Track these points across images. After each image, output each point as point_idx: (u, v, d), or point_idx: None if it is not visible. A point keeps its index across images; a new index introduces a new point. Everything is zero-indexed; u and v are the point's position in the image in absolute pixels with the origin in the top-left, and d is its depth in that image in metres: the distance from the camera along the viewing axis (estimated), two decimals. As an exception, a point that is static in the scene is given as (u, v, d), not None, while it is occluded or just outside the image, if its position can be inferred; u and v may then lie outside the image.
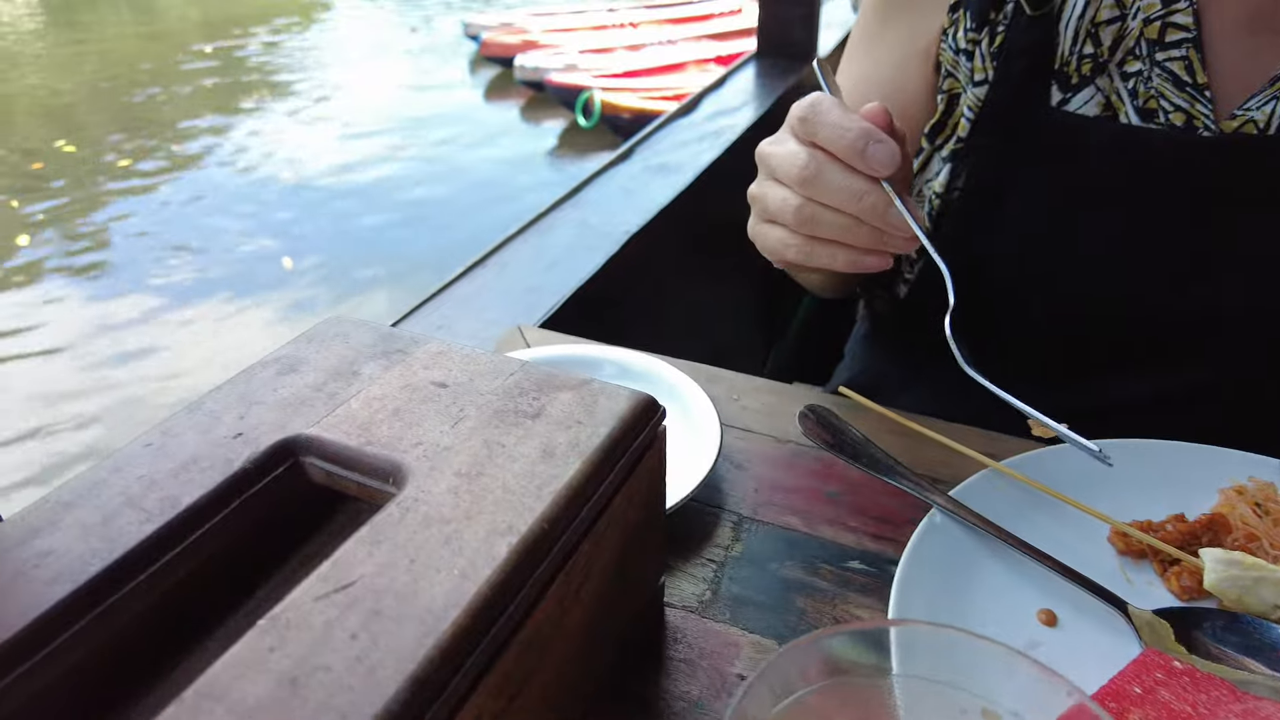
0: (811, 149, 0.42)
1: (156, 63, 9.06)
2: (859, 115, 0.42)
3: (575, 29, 8.15)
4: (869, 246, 0.43)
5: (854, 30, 0.68)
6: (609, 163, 1.18)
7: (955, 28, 0.58)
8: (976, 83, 0.57)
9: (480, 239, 3.69)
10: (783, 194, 0.44)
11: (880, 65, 0.64)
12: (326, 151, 6.10)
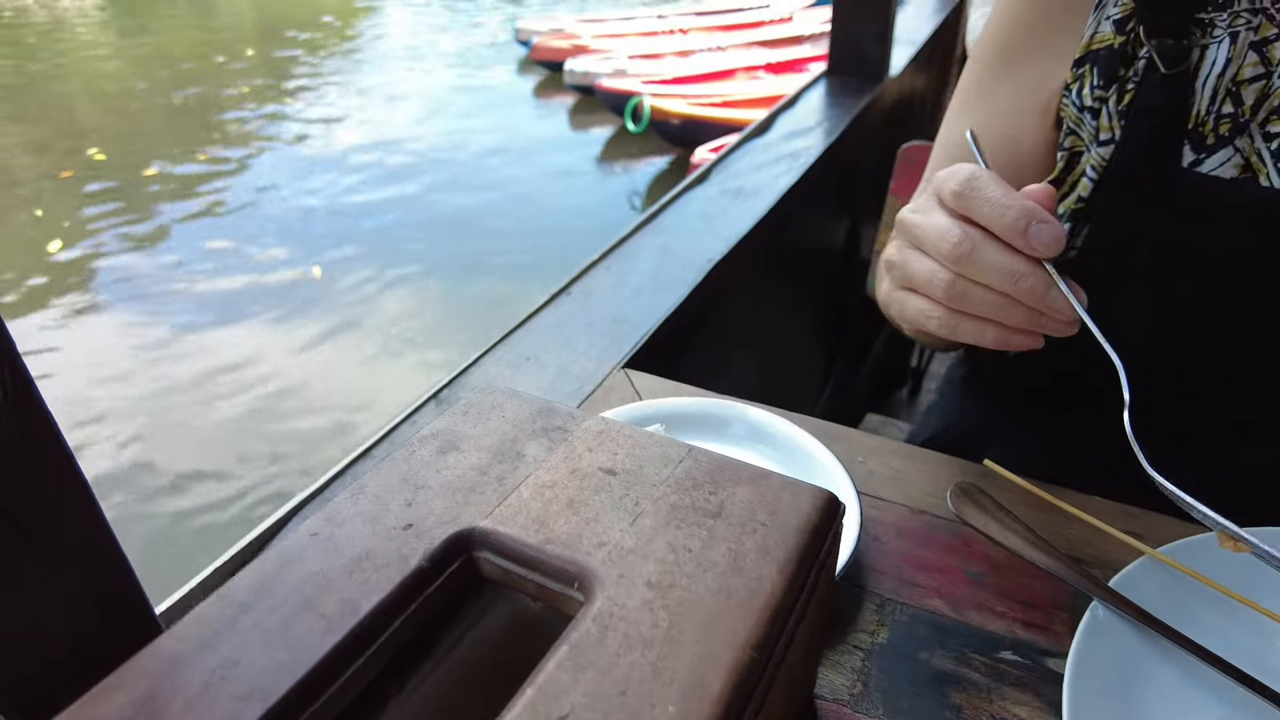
0: (965, 224, 0.40)
1: (206, 62, 9.29)
2: (1021, 194, 0.40)
3: (625, 35, 8.16)
4: (1023, 327, 0.41)
5: (964, 79, 0.65)
6: (686, 185, 1.16)
7: (1079, 83, 0.55)
8: (1102, 142, 0.54)
9: (538, 235, 3.55)
10: (930, 267, 0.42)
11: (995, 118, 0.61)
12: (377, 150, 6.19)
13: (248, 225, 5.07)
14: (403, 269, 4.50)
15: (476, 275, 4.47)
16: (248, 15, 12.75)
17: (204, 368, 3.60)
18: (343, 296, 4.21)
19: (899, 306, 0.46)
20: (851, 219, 1.72)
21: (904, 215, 0.45)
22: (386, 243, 4.80)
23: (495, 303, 4.16)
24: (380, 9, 12.24)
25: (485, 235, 4.97)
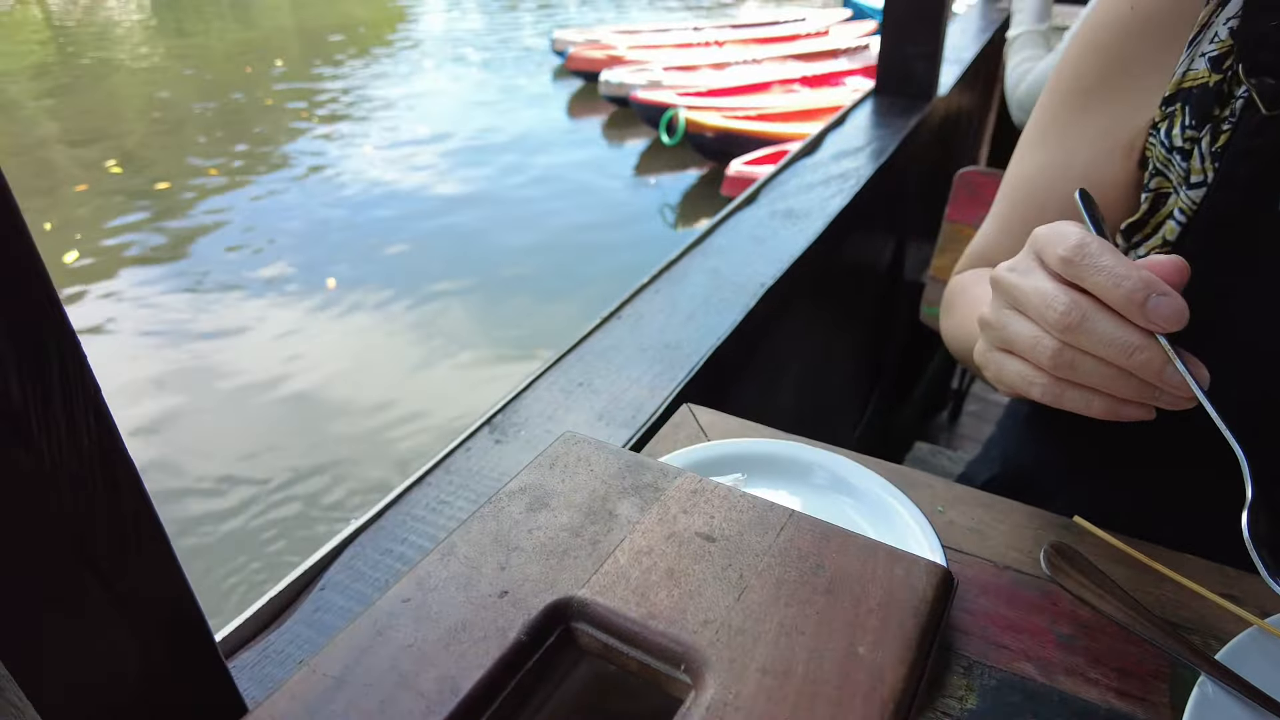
0: (1073, 291, 0.38)
1: (239, 68, 9.48)
2: (1139, 264, 0.38)
3: (660, 46, 8.19)
4: (1134, 399, 0.38)
5: (1038, 114, 0.63)
6: (735, 206, 1.15)
7: (1169, 123, 0.52)
8: (1193, 184, 0.52)
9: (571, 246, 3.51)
10: (1033, 332, 0.40)
11: (1073, 155, 0.59)
12: (409, 158, 6.26)
13: (271, 233, 5.14)
14: (432, 275, 4.53)
15: (505, 284, 4.49)
16: (287, 21, 13.01)
17: (243, 382, 3.66)
18: (370, 306, 4.25)
19: (996, 368, 0.44)
20: (898, 239, 1.70)
21: (1001, 276, 0.43)
22: (417, 251, 4.84)
23: (523, 312, 4.17)
24: (417, 18, 12.41)
25: (515, 248, 4.99)
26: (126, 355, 3.79)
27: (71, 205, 5.52)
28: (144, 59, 10.36)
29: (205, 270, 4.60)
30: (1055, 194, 0.60)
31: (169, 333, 3.97)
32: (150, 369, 3.65)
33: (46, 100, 8.56)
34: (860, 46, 8.43)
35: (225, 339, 3.91)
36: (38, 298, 0.24)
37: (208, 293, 4.36)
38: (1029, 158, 0.63)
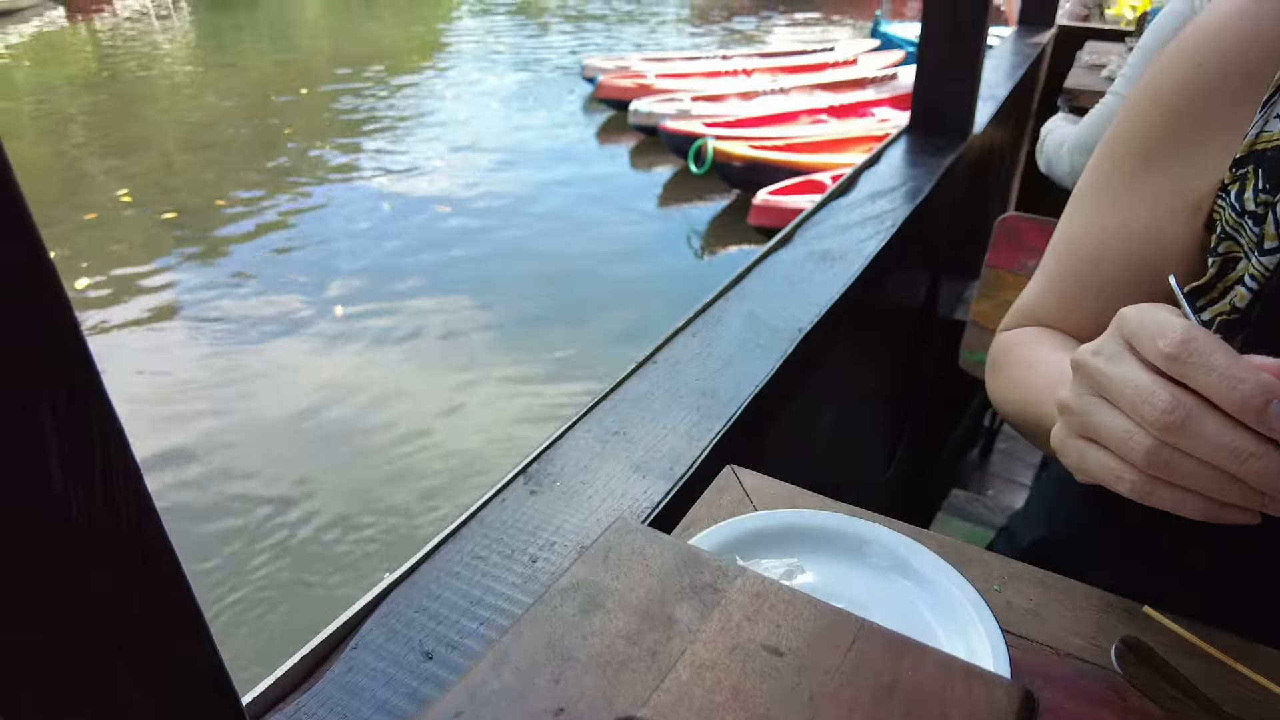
0: (1175, 388, 0.36)
1: (273, 94, 9.70)
2: (1251, 362, 0.35)
3: (689, 75, 8.26)
4: (1238, 504, 0.36)
5: (1092, 172, 0.61)
6: (771, 247, 1.14)
7: (1240, 185, 0.50)
8: (1266, 250, 0.50)
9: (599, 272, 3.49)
10: (1125, 427, 0.38)
11: (1132, 216, 0.57)
12: (439, 183, 6.34)
13: (295, 258, 5.21)
14: (454, 301, 4.56)
15: (529, 310, 4.51)
16: (323, 45, 13.31)
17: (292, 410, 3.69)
18: (387, 332, 4.28)
19: (1078, 457, 0.41)
20: (932, 276, 1.68)
21: (1086, 360, 0.40)
22: (439, 277, 4.88)
23: (545, 338, 4.18)
24: (451, 44, 12.65)
25: (540, 274, 5.01)
26: (149, 385, 3.84)
27: (96, 228, 5.65)
28: (181, 79, 10.65)
29: (232, 293, 4.67)
30: (1112, 255, 0.58)
31: (192, 359, 4.03)
32: (176, 397, 3.70)
33: (81, 117, 8.81)
34: (888, 76, 8.44)
35: (250, 365, 3.95)
36: (82, 375, 0.23)
37: (233, 321, 4.43)
38: (1082, 215, 0.61)
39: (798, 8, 16.33)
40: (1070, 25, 3.16)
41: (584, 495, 0.64)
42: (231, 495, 3.03)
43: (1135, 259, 0.56)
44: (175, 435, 3.33)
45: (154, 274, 4.88)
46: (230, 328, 4.24)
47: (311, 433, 3.40)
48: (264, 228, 5.61)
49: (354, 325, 4.28)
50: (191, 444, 3.30)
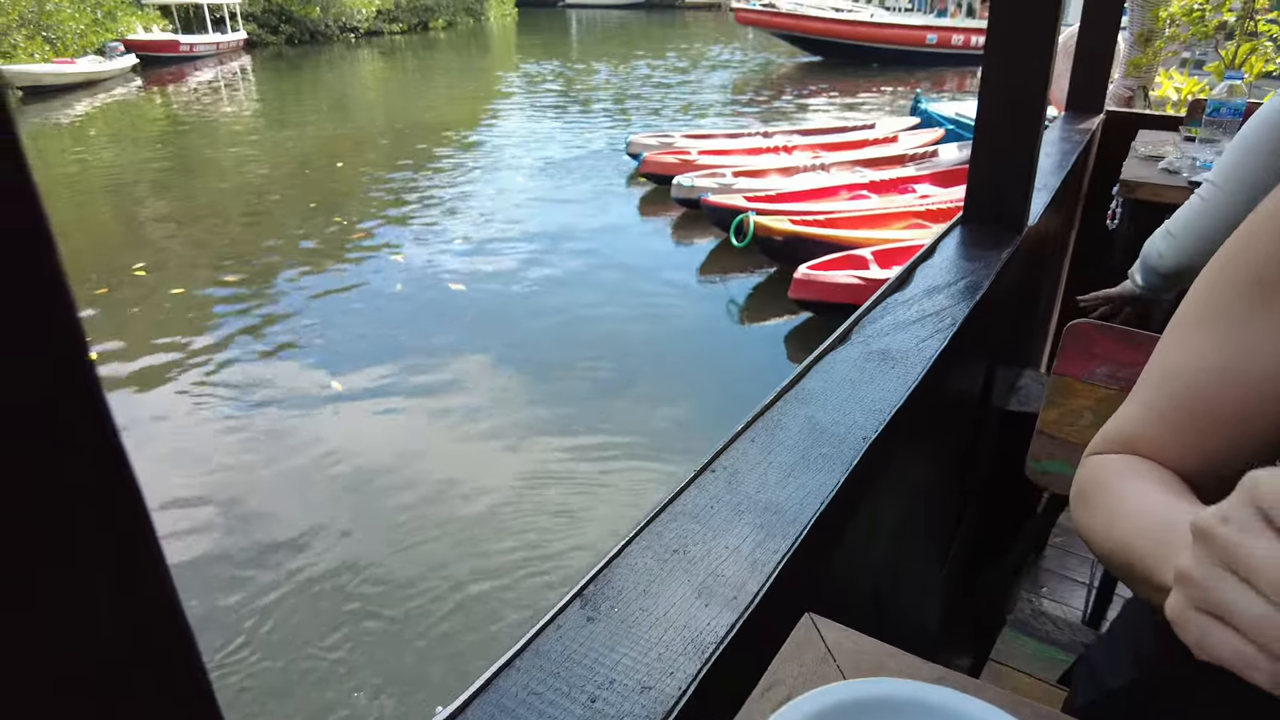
0: None
1: (342, 162, 10.10)
2: None
3: (730, 151, 8.43)
4: None
5: (1203, 297, 0.58)
6: (829, 345, 1.11)
7: None
8: None
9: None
10: (1262, 610, 0.34)
11: (1252, 355, 0.53)
12: (482, 256, 6.48)
13: (336, 323, 5.32)
14: (493, 369, 4.59)
15: (569, 377, 4.52)
16: (378, 119, 13.91)
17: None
18: (423, 399, 4.31)
19: (1199, 635, 0.38)
20: (988, 367, 1.63)
21: (1214, 529, 0.37)
22: (478, 344, 4.93)
23: (585, 407, 4.17)
24: (501, 117, 13.13)
25: (585, 339, 5.05)
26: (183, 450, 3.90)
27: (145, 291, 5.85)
28: (239, 146, 11.17)
29: (275, 357, 4.77)
30: (1228, 396, 0.54)
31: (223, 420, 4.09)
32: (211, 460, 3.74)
33: (142, 180, 9.25)
34: (929, 153, 8.52)
35: (286, 425, 4.00)
36: (135, 534, 0.21)
37: (273, 386, 4.50)
38: (1192, 345, 0.58)
39: (837, 86, 16.71)
40: (1118, 111, 3.17)
41: (644, 624, 0.61)
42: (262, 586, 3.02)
43: (1256, 399, 0.52)
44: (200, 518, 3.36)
45: (186, 340, 5.01)
46: (259, 397, 4.32)
47: (352, 505, 3.40)
48: (304, 296, 5.76)
49: (389, 398, 4.32)
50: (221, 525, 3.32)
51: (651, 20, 42.55)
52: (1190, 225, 1.49)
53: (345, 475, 3.56)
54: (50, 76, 16.65)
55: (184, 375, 4.49)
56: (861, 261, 5.36)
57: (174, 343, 4.88)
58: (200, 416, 4.05)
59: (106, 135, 12.62)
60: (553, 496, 3.41)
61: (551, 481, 3.53)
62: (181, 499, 3.36)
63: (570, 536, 3.14)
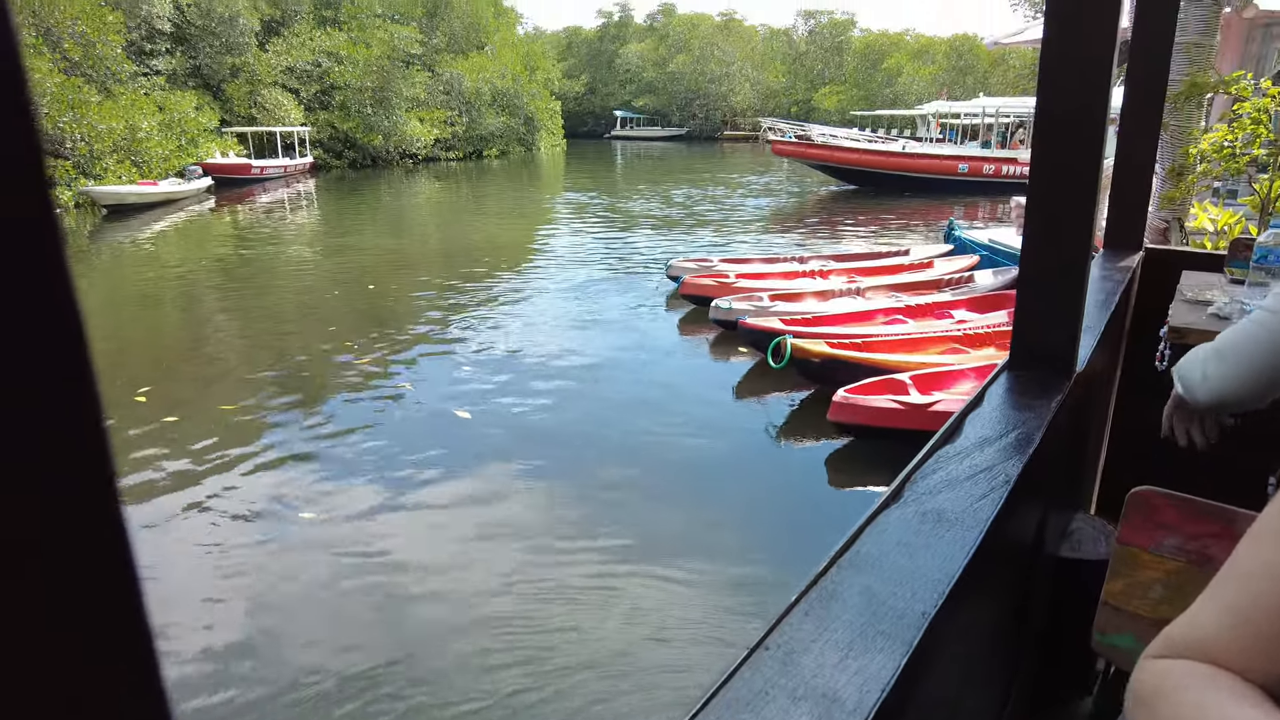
0: None
1: (392, 279, 10.53)
2: None
3: (767, 275, 8.62)
4: None
5: None
6: (882, 505, 1.09)
7: None
8: None
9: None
10: None
11: None
12: (523, 367, 6.60)
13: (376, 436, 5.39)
14: (536, 482, 4.57)
15: (605, 497, 4.47)
16: (431, 238, 14.59)
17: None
18: (463, 511, 4.28)
19: None
20: (1040, 516, 1.58)
21: None
22: (515, 460, 4.93)
23: (620, 529, 4.10)
24: (547, 240, 13.68)
25: (623, 456, 5.03)
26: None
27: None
28: (300, 263, 11.74)
29: (313, 462, 4.83)
30: None
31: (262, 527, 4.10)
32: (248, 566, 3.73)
33: (208, 292, 9.71)
34: (964, 279, 8.60)
35: (322, 536, 3.99)
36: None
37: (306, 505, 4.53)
38: (1267, 551, 0.55)
39: (870, 213, 17.18)
40: (1158, 249, 3.18)
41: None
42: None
43: None
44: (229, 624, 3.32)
45: (222, 448, 5.11)
46: (287, 503, 4.34)
47: (388, 622, 3.34)
48: (347, 407, 5.88)
49: (424, 510, 4.31)
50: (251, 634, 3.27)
51: (692, 151, 44.73)
52: (1243, 352, 1.40)
53: (384, 586, 3.51)
54: (134, 196, 17.95)
55: (211, 480, 4.55)
56: (900, 386, 5.33)
57: (207, 446, 4.97)
58: (226, 524, 4.07)
59: (178, 250, 13.42)
60: (581, 619, 3.31)
61: (579, 603, 3.43)
62: (199, 606, 3.33)
63: (604, 679, 3.02)
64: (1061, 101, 1.46)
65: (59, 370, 0.17)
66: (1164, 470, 2.68)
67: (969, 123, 26.39)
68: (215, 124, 25.95)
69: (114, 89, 21.41)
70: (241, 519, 4.19)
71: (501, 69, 37.79)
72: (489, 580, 3.64)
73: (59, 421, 0.18)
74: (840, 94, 59.32)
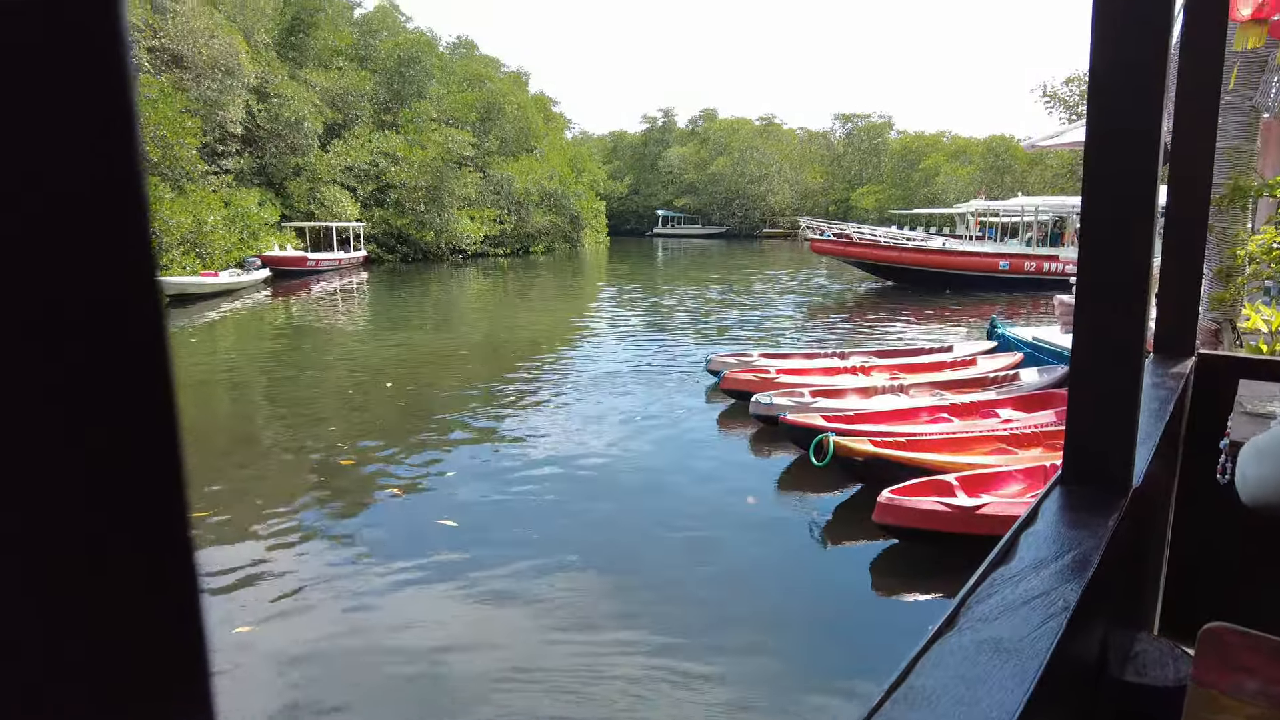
0: None
1: (437, 369, 10.75)
2: None
3: (808, 371, 8.59)
4: None
5: None
6: (937, 632, 1.06)
7: None
8: None
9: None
10: None
11: None
12: (560, 461, 6.60)
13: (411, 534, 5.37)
14: (574, 576, 4.49)
15: (643, 593, 4.36)
16: (480, 325, 14.94)
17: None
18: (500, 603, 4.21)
19: None
20: (1101, 642, 1.50)
21: None
22: (553, 551, 4.87)
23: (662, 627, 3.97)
24: (590, 333, 13.91)
25: (660, 552, 4.93)
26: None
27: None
28: (349, 351, 12.08)
29: (351, 550, 4.82)
30: None
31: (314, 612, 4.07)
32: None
33: (259, 379, 10.00)
34: (1009, 377, 8.46)
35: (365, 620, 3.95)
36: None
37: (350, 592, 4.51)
38: None
39: (911, 309, 17.18)
40: (1212, 354, 3.11)
41: None
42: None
43: None
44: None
45: (276, 520, 5.15)
46: (331, 584, 4.32)
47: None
48: (389, 490, 5.92)
49: (461, 603, 4.25)
50: None
51: (731, 248, 45.66)
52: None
53: (428, 676, 3.43)
54: (194, 286, 18.85)
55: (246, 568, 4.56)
56: (947, 487, 5.18)
57: (238, 534, 5.02)
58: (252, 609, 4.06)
59: (230, 338, 13.95)
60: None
61: (613, 704, 3.31)
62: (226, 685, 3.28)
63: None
64: (1108, 203, 1.46)
65: (152, 433, 0.20)
66: (1230, 589, 2.53)
67: (1008, 221, 26.58)
68: (276, 219, 27.43)
69: (186, 187, 22.89)
70: (276, 613, 4.18)
71: (550, 171, 39.53)
72: (519, 666, 3.54)
73: (148, 481, 0.20)
74: (878, 193, 60.53)
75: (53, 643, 0.19)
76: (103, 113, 0.19)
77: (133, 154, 0.19)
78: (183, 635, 0.21)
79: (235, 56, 26.28)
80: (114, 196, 0.19)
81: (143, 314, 0.20)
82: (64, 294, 0.18)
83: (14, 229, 0.18)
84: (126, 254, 0.19)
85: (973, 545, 4.51)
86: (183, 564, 0.21)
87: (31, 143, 0.18)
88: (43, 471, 0.18)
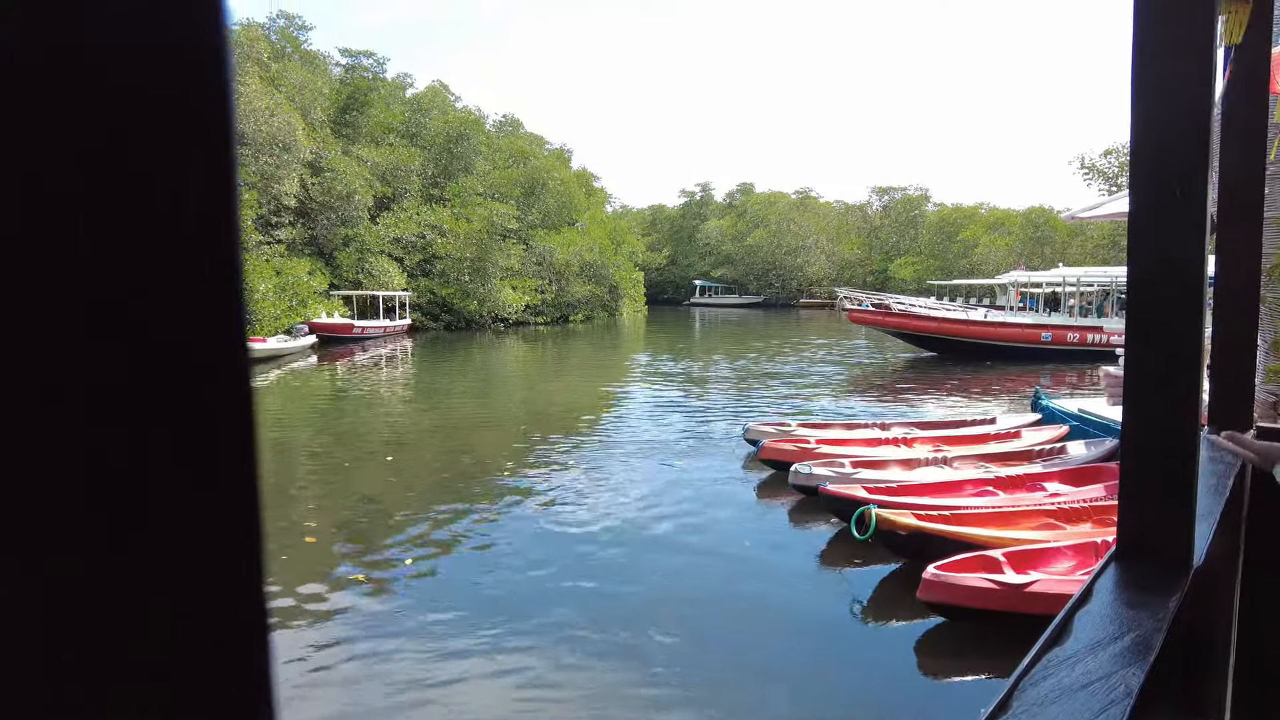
0: None
1: (475, 438, 10.82)
2: None
3: (848, 441, 8.46)
4: None
5: None
6: (988, 718, 1.01)
7: None
8: None
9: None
10: None
11: None
12: (598, 530, 6.53)
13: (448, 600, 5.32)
14: (607, 649, 4.38)
15: (681, 672, 4.23)
16: (517, 395, 15.07)
17: None
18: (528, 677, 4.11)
19: None
20: None
21: None
22: (594, 620, 4.77)
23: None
24: (625, 403, 13.94)
25: (699, 627, 4.80)
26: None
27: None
28: (390, 419, 12.24)
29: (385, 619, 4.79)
30: None
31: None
32: None
33: (302, 448, 10.15)
34: (1056, 450, 8.21)
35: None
36: None
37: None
38: None
39: (952, 381, 16.91)
40: (1270, 426, 3.00)
41: None
42: None
43: None
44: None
45: (313, 599, 5.14)
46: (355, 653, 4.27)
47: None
48: (422, 564, 5.90)
49: (492, 677, 4.18)
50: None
51: (769, 317, 45.78)
52: None
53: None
54: (244, 352, 19.39)
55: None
56: (994, 564, 4.99)
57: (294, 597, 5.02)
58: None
59: (274, 403, 14.26)
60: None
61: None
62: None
63: None
64: (1154, 275, 1.43)
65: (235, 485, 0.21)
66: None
67: (1049, 291, 26.26)
68: (325, 287, 28.36)
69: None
70: (307, 684, 4.14)
71: (590, 243, 40.46)
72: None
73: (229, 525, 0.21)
74: (916, 264, 60.49)
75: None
76: (209, 192, 0.21)
77: (232, 238, 0.21)
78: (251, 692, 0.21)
79: (293, 133, 27.70)
80: (217, 269, 0.21)
81: (233, 374, 0.22)
82: (165, 361, 0.20)
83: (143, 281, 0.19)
84: (224, 320, 0.21)
85: (1022, 624, 4.31)
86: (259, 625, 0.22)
87: (146, 226, 0.20)
88: (166, 531, 0.20)
